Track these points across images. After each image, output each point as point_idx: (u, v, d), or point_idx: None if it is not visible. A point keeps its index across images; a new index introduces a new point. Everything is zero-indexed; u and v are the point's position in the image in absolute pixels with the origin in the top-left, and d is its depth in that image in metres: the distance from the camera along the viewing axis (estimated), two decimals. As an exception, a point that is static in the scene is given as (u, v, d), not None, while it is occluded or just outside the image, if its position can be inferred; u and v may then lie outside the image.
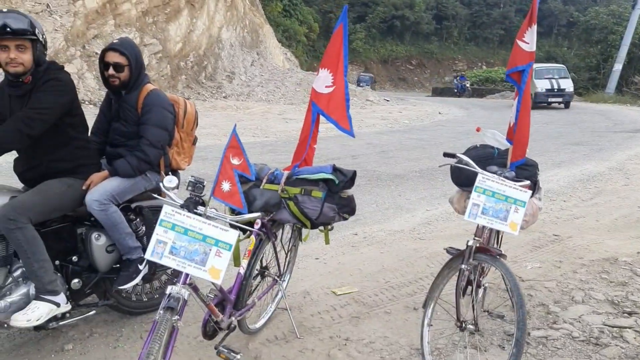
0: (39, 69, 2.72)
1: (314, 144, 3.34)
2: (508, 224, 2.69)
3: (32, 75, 2.70)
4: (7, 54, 2.60)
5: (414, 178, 8.18)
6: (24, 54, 2.63)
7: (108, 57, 3.01)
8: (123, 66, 3.01)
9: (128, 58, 3.01)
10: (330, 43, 3.29)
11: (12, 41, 2.58)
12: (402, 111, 21.95)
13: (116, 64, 2.99)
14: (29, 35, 2.61)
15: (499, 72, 43.30)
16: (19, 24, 2.57)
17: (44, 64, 2.75)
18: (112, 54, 3.01)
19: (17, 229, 2.55)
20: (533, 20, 3.14)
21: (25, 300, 2.71)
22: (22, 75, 2.67)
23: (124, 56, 3.00)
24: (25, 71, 2.66)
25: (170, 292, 2.18)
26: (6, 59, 2.61)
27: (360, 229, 5.37)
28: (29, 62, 2.65)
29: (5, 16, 2.56)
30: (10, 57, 2.60)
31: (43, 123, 2.65)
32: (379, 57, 60.10)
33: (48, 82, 2.70)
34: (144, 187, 3.11)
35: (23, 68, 2.65)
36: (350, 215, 3.05)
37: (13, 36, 2.56)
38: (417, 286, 3.98)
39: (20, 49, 2.61)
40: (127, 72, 3.02)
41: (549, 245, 4.94)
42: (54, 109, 2.69)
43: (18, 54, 2.61)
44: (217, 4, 23.66)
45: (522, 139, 3.19)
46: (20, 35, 2.58)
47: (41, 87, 2.69)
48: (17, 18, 2.59)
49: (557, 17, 62.87)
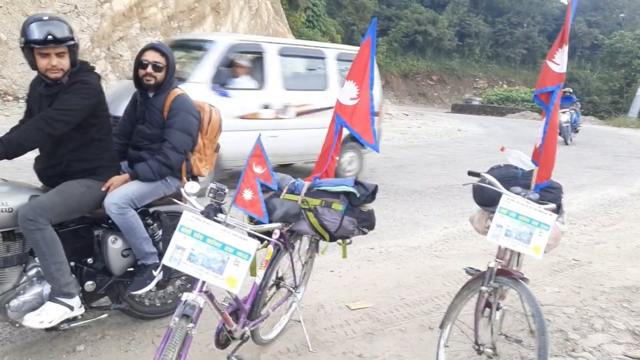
0: (73, 70, 2.75)
1: (336, 155, 3.31)
2: (531, 247, 2.63)
3: (69, 76, 2.74)
4: (47, 61, 2.62)
5: (432, 194, 8.11)
6: (64, 60, 2.66)
7: (147, 56, 3.03)
8: (162, 67, 3.03)
9: (167, 59, 3.03)
10: (358, 55, 3.27)
11: (54, 49, 2.61)
12: (421, 126, 21.84)
13: (155, 64, 3.02)
14: (69, 42, 2.64)
15: (520, 91, 43.03)
16: (62, 32, 2.60)
17: (77, 64, 2.78)
18: (153, 53, 3.03)
19: (37, 230, 2.55)
20: (564, 41, 3.09)
21: (38, 300, 2.71)
22: (61, 79, 2.71)
23: (164, 57, 3.02)
24: (64, 75, 2.70)
25: (186, 299, 2.16)
26: (47, 66, 2.63)
27: (376, 243, 5.31)
28: (67, 66, 2.69)
29: (48, 24, 2.57)
30: (52, 64, 2.63)
31: (65, 124, 2.67)
32: (400, 71, 60.09)
33: (75, 83, 2.72)
34: (163, 192, 3.10)
35: (62, 73, 2.69)
36: (369, 229, 3.01)
37: (56, 45, 2.59)
38: (433, 305, 3.91)
39: (61, 55, 2.65)
40: (163, 73, 3.04)
41: (568, 270, 4.84)
42: (78, 111, 2.70)
43: (59, 60, 2.64)
44: (241, 12, 23.88)
45: (548, 161, 3.13)
46: (62, 43, 2.61)
47: (68, 89, 2.70)
48: (59, 26, 2.61)
49: (581, 39, 62.37)
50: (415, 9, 61.82)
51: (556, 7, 68.42)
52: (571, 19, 3.04)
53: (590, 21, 65.34)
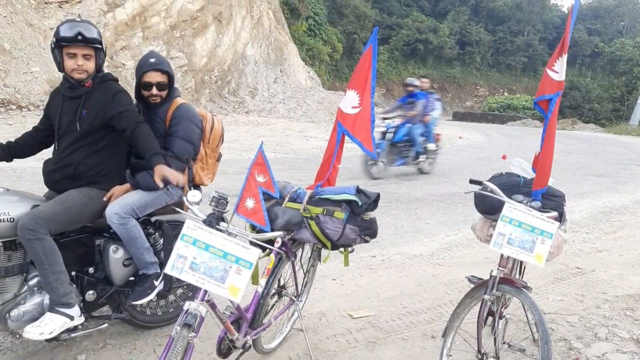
0: (97, 75, 2.87)
1: (338, 163, 3.32)
2: (534, 256, 2.62)
3: (92, 80, 2.85)
4: (74, 61, 2.76)
5: (433, 202, 8.10)
6: (89, 62, 2.80)
7: (149, 77, 3.03)
8: (165, 84, 3.05)
9: (169, 75, 3.04)
10: (359, 64, 3.29)
11: (81, 49, 2.74)
12: (422, 134, 21.86)
13: (159, 84, 3.03)
14: (97, 44, 2.76)
15: (521, 99, 43.10)
16: (91, 33, 2.74)
17: (102, 71, 2.91)
18: (154, 74, 3.03)
19: (36, 240, 2.55)
20: (564, 50, 3.10)
21: (39, 310, 2.70)
22: (84, 80, 2.82)
23: (166, 74, 3.04)
24: (87, 77, 2.82)
25: (187, 308, 2.15)
26: (73, 66, 2.77)
27: (378, 251, 5.30)
28: (92, 69, 2.82)
29: (79, 25, 2.72)
30: (77, 64, 2.76)
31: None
32: (401, 79, 60.09)
33: (119, 93, 2.88)
34: (165, 201, 3.10)
35: (86, 75, 2.81)
36: (371, 238, 3.00)
37: (84, 44, 2.72)
38: (435, 313, 3.90)
39: (87, 57, 2.78)
40: (167, 90, 3.06)
41: (571, 278, 4.82)
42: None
43: (85, 61, 2.78)
44: (243, 21, 24.00)
45: (545, 168, 3.13)
46: (90, 44, 2.74)
47: (117, 110, 2.83)
48: (89, 28, 2.75)
49: (582, 47, 62.53)
50: (416, 18, 62.09)
51: (557, 16, 68.71)
52: (571, 28, 3.05)
53: (590, 29, 65.53)
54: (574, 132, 30.97)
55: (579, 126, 33.38)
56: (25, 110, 13.24)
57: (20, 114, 12.80)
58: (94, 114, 2.82)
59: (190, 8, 20.27)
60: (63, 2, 15.87)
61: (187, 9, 20.13)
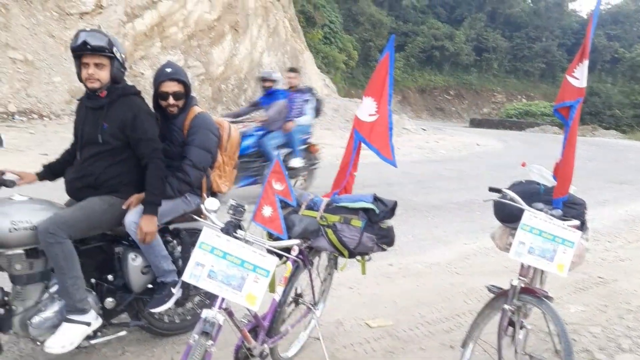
0: (115, 86, 2.88)
1: (355, 171, 3.31)
2: (555, 265, 2.58)
3: (108, 90, 2.86)
4: (87, 70, 2.79)
5: (451, 210, 8.03)
6: (102, 71, 2.81)
7: (166, 87, 3.05)
8: (182, 94, 3.07)
9: (185, 85, 3.06)
10: (376, 72, 3.28)
11: (92, 58, 2.77)
12: (439, 141, 21.75)
13: (175, 93, 3.05)
14: (106, 52, 2.77)
15: (539, 105, 42.69)
16: (97, 41, 2.75)
17: (122, 82, 2.91)
18: (170, 84, 3.05)
19: (57, 243, 2.58)
20: (585, 56, 3.06)
21: (59, 317, 2.72)
22: (98, 90, 2.84)
23: (182, 83, 3.06)
24: (101, 87, 2.84)
25: (205, 316, 2.15)
26: (85, 75, 2.80)
27: (395, 259, 5.27)
28: (105, 78, 2.83)
29: (86, 34, 2.75)
30: (88, 73, 2.79)
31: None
32: (417, 86, 60.11)
33: (139, 116, 2.89)
34: (183, 209, 3.12)
35: (99, 84, 2.82)
36: (389, 246, 2.98)
37: (92, 53, 2.74)
38: (454, 323, 3.85)
39: (99, 66, 2.80)
40: (184, 99, 3.08)
41: (593, 288, 4.73)
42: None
43: (96, 70, 2.79)
44: (260, 29, 24.19)
45: (566, 175, 3.08)
46: (98, 52, 2.75)
47: (136, 136, 2.86)
48: (96, 36, 2.77)
49: (601, 53, 61.78)
50: (432, 25, 61.99)
51: (575, 21, 68.05)
52: (592, 33, 3.01)
53: (610, 34, 64.75)
54: (595, 138, 30.56)
55: (599, 133, 32.95)
56: (47, 119, 13.47)
57: (41, 123, 13.03)
58: (114, 129, 2.85)
59: (207, 18, 20.49)
60: (84, 13, 16.15)
61: (205, 18, 20.36)
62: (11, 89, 13.46)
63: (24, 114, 13.23)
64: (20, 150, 9.62)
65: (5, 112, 12.91)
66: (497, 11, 66.55)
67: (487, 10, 66.67)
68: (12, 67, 13.84)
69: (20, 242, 2.59)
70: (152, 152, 2.86)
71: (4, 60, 13.74)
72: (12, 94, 13.42)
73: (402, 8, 62.17)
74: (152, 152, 2.86)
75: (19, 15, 14.77)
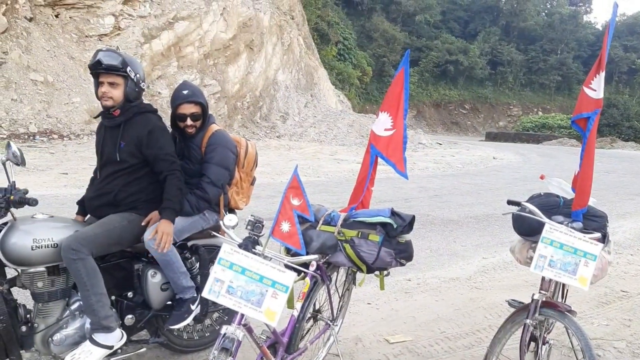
0: (129, 104, 2.91)
1: (372, 186, 3.31)
2: (577, 278, 2.54)
3: (121, 108, 2.90)
4: (101, 88, 2.85)
5: (469, 224, 7.97)
6: (115, 90, 2.85)
7: (183, 109, 3.07)
8: (199, 115, 3.11)
9: (202, 106, 3.10)
10: (391, 87, 3.30)
11: (106, 77, 2.83)
12: (455, 155, 21.67)
13: (193, 114, 3.09)
14: (120, 72, 2.81)
15: (556, 118, 42.34)
16: (111, 60, 2.80)
17: (136, 100, 2.95)
18: (188, 106, 3.07)
19: (79, 260, 2.61)
20: (601, 67, 3.04)
21: (80, 334, 2.74)
22: (111, 108, 2.89)
23: (199, 105, 3.10)
24: (114, 105, 2.88)
25: (225, 332, 2.15)
26: (100, 93, 2.86)
27: (413, 274, 5.23)
28: (118, 97, 2.87)
29: (102, 54, 2.81)
30: (102, 91, 2.85)
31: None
32: (432, 100, 60.13)
33: (154, 132, 2.91)
34: (201, 226, 3.14)
35: (112, 102, 2.87)
36: (407, 261, 2.96)
37: (106, 71, 2.80)
38: (474, 338, 3.80)
39: (113, 85, 2.85)
40: (201, 119, 3.12)
41: (616, 302, 4.64)
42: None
43: (109, 88, 2.84)
44: (274, 48, 24.48)
45: (584, 187, 3.04)
46: (111, 71, 2.80)
47: (153, 152, 2.90)
48: (111, 55, 2.82)
49: (618, 64, 61.33)
50: (446, 40, 62.15)
51: (591, 33, 67.72)
52: (608, 44, 2.99)
53: (626, 46, 64.28)
54: (613, 150, 30.17)
55: (618, 144, 32.53)
56: (67, 139, 13.73)
57: (61, 143, 13.28)
58: (131, 147, 2.88)
59: (223, 37, 20.82)
60: (102, 35, 16.54)
61: (220, 38, 20.68)
62: (32, 110, 13.77)
63: (44, 134, 13.50)
64: (41, 169, 9.81)
65: (27, 133, 13.19)
66: (511, 25, 66.55)
67: (500, 23, 66.70)
68: (33, 88, 14.18)
69: (42, 259, 2.63)
70: (170, 165, 2.90)
71: (25, 82, 14.08)
72: (33, 115, 13.73)
73: (416, 23, 62.46)
74: (170, 166, 2.90)
75: (40, 39, 15.17)
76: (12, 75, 13.83)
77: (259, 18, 23.09)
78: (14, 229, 2.61)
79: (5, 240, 2.57)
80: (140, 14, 17.58)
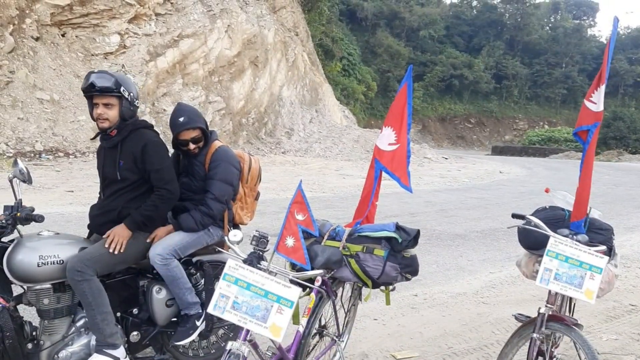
0: (125, 123, 2.91)
1: (376, 201, 3.31)
2: (583, 292, 2.53)
3: (117, 128, 2.90)
4: (97, 110, 2.86)
5: (475, 238, 7.93)
6: (110, 111, 2.86)
7: (183, 136, 3.09)
8: (200, 137, 3.13)
9: (201, 129, 3.12)
10: (395, 102, 3.32)
11: (101, 98, 2.83)
12: (461, 169, 21.65)
13: (193, 138, 3.11)
14: (114, 93, 2.82)
15: (562, 131, 42.30)
16: (104, 82, 2.81)
17: (131, 119, 2.95)
18: (187, 133, 3.08)
19: (84, 281, 2.62)
20: (602, 81, 3.05)
21: (86, 351, 2.74)
22: (108, 129, 2.90)
23: (198, 129, 3.12)
24: (110, 126, 2.88)
25: (230, 348, 2.15)
26: (96, 115, 2.87)
27: (420, 289, 5.20)
28: (114, 117, 2.87)
29: (94, 76, 2.82)
30: (98, 113, 2.85)
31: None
32: (437, 115, 60.28)
33: (147, 146, 2.91)
34: (206, 241, 3.14)
35: (108, 123, 2.87)
36: (413, 275, 2.95)
37: (100, 93, 2.81)
38: (482, 354, 3.76)
39: (108, 106, 2.85)
40: (203, 140, 3.15)
41: (625, 316, 4.59)
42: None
43: (105, 110, 2.85)
44: (279, 64, 24.66)
45: (582, 198, 3.04)
46: (105, 93, 2.81)
47: (147, 168, 2.89)
48: (103, 77, 2.83)
49: (623, 77, 61.35)
50: (450, 54, 62.49)
51: (595, 47, 67.89)
52: (609, 58, 3.01)
53: (631, 58, 64.39)
54: (620, 163, 30.04)
55: (625, 157, 32.39)
56: (72, 157, 13.82)
57: (67, 161, 13.37)
58: (130, 164, 2.91)
59: (227, 54, 21.00)
60: (108, 53, 16.72)
61: (225, 54, 20.87)
62: (38, 129, 13.90)
63: (50, 152, 13.60)
64: (47, 187, 9.87)
65: (33, 151, 13.29)
66: (515, 39, 66.85)
67: (505, 37, 67.01)
68: (39, 107, 14.32)
69: (48, 276, 2.64)
70: (159, 182, 2.89)
71: (31, 101, 14.23)
72: (39, 133, 13.85)
73: (420, 39, 62.89)
74: (159, 183, 2.89)
75: (46, 58, 15.36)
76: (19, 94, 13.98)
77: (263, 35, 23.32)
78: (20, 245, 2.63)
79: (12, 257, 2.59)
80: (145, 32, 17.78)
